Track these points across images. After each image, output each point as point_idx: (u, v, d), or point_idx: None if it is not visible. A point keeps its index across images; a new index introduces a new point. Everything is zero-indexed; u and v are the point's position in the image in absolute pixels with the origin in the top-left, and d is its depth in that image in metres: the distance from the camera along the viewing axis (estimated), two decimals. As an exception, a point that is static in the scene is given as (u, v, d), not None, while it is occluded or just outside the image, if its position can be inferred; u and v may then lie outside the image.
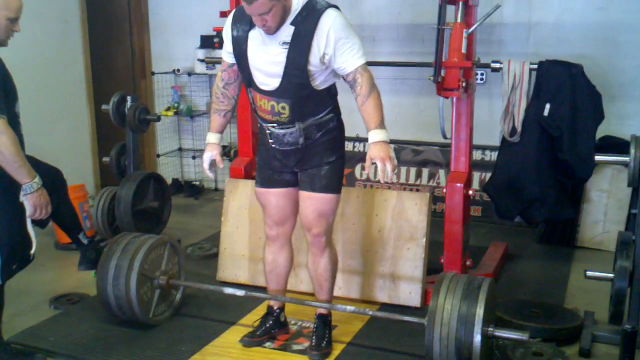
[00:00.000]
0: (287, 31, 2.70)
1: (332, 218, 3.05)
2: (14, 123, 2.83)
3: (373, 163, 2.72)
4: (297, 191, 3.04)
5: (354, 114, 3.12)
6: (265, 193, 3.09)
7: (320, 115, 2.87)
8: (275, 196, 3.07)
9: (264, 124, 2.92)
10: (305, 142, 2.87)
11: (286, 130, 2.85)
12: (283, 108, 2.80)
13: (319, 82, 2.80)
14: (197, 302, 3.71)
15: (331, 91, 2.91)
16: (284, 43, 2.70)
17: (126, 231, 4.01)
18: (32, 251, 2.97)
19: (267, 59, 2.76)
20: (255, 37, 2.78)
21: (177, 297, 3.58)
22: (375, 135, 2.75)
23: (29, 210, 2.85)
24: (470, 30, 3.39)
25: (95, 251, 3.97)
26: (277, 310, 3.28)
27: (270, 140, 2.93)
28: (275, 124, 2.86)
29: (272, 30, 2.68)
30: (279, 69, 2.74)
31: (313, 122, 2.86)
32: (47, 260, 4.44)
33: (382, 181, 2.68)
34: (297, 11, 2.69)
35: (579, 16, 4.86)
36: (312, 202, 2.97)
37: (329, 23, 2.66)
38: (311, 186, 2.95)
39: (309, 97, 2.80)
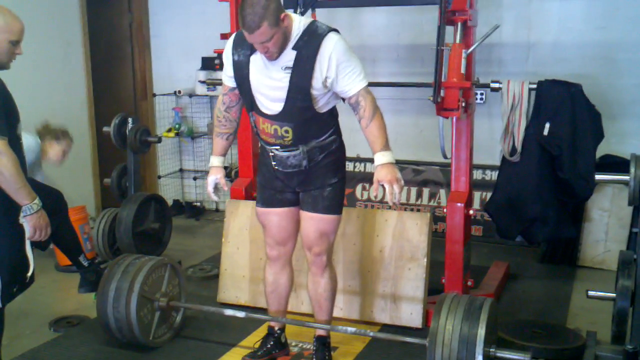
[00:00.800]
0: (289, 56, 2.71)
1: (332, 238, 3.05)
2: (16, 145, 2.83)
3: (381, 185, 2.72)
4: (298, 211, 3.05)
5: (355, 134, 3.14)
6: (267, 213, 3.09)
7: (323, 138, 2.89)
8: (277, 216, 3.07)
9: (267, 147, 2.93)
10: (309, 164, 2.88)
11: (290, 153, 2.87)
12: (286, 132, 2.81)
13: (322, 104, 2.82)
14: (197, 324, 3.70)
15: (333, 113, 2.93)
16: (287, 68, 2.72)
17: (127, 253, 3.99)
18: (29, 274, 2.95)
19: (270, 84, 2.77)
20: (257, 61, 2.79)
21: (178, 319, 3.57)
22: (382, 158, 2.76)
23: (28, 232, 2.84)
24: (469, 50, 3.41)
25: (95, 273, 3.96)
26: (278, 331, 3.27)
27: (273, 163, 2.94)
28: (278, 147, 2.88)
29: (274, 56, 2.70)
30: (282, 94, 2.75)
31: (316, 145, 2.87)
32: (47, 283, 4.42)
33: (390, 203, 2.71)
34: (299, 36, 2.70)
35: (578, 36, 4.89)
36: (314, 222, 2.97)
37: (331, 47, 2.68)
38: (314, 207, 2.96)
39: (311, 120, 2.82)
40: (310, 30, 2.71)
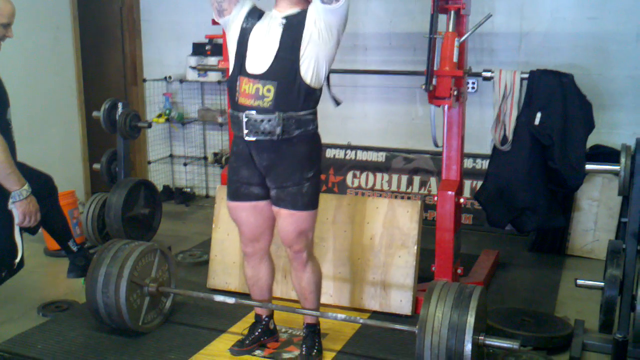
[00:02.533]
0: (288, 14, 2.83)
1: (311, 234, 3.02)
2: (5, 130, 2.82)
3: None
4: (268, 205, 2.99)
5: (347, 122, 3.19)
6: (235, 208, 3.04)
7: (302, 112, 2.84)
8: (245, 211, 3.02)
9: (242, 113, 2.84)
10: (282, 134, 2.81)
11: (265, 116, 2.79)
12: (268, 91, 2.78)
13: (308, 71, 2.79)
14: (187, 310, 3.70)
15: (316, 94, 2.87)
16: (282, 24, 2.81)
17: (116, 238, 3.98)
18: (17, 260, 2.94)
19: (266, 39, 2.82)
20: (259, 28, 2.86)
21: (167, 304, 3.56)
22: None
23: (17, 218, 2.83)
24: (462, 39, 3.41)
25: (84, 258, 3.95)
26: (266, 319, 3.27)
27: (245, 131, 2.83)
28: (254, 111, 2.81)
29: None
30: (274, 46, 2.79)
31: (293, 116, 2.81)
32: (36, 267, 4.41)
33: None
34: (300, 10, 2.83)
35: (570, 26, 4.89)
36: (294, 219, 2.92)
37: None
38: (293, 204, 2.90)
39: (295, 86, 2.79)
40: None
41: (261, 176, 2.94)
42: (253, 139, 2.84)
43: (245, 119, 2.82)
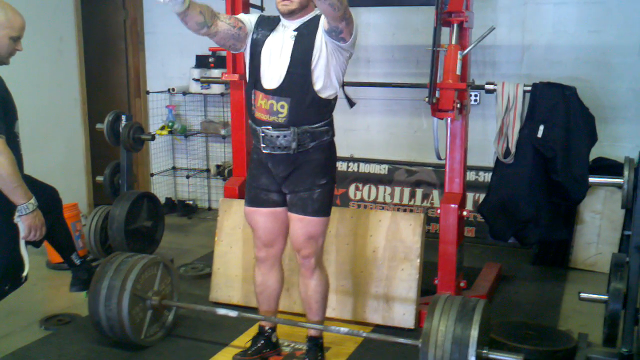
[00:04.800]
0: (299, 26, 2.85)
1: (322, 240, 3.05)
2: (13, 143, 2.82)
3: None
4: (285, 212, 3.04)
5: (350, 134, 3.18)
6: (253, 213, 3.09)
7: (316, 125, 2.88)
8: (263, 216, 3.07)
9: (259, 127, 2.90)
10: (298, 148, 2.86)
11: (280, 132, 2.85)
12: (282, 107, 2.82)
13: (320, 84, 2.83)
14: (189, 323, 3.68)
15: (330, 104, 2.93)
16: (293, 37, 2.83)
17: (119, 251, 3.98)
18: (24, 273, 2.94)
19: (277, 53, 2.85)
20: (272, 38, 2.89)
21: (170, 317, 3.55)
22: None
23: (23, 232, 2.82)
24: (465, 52, 3.41)
25: (87, 272, 3.93)
26: (269, 331, 3.26)
27: (262, 145, 2.91)
28: (270, 126, 2.87)
29: (291, 7, 2.79)
30: (285, 62, 2.82)
31: (308, 129, 2.86)
32: (38, 280, 4.40)
33: None
34: (314, 15, 2.85)
35: (572, 39, 4.90)
36: (304, 224, 2.97)
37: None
38: (303, 209, 2.95)
39: (308, 100, 2.82)
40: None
41: (279, 183, 2.99)
42: (271, 152, 2.91)
43: (262, 134, 2.89)
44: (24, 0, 4.69)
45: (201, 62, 5.90)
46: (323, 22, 2.76)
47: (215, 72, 5.67)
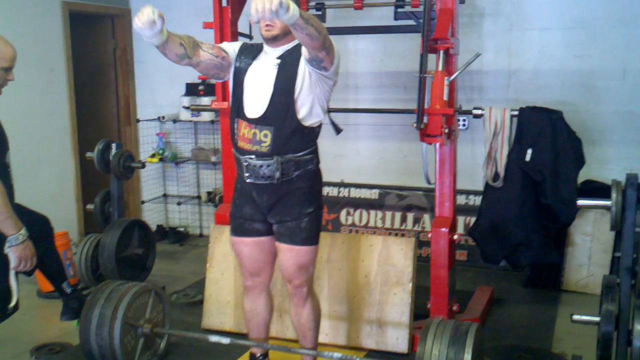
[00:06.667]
0: (282, 53, 2.84)
1: (312, 269, 3.03)
2: (4, 173, 2.82)
3: None
4: (270, 241, 3.01)
5: (339, 159, 3.19)
6: (239, 242, 3.07)
7: (300, 154, 2.86)
8: (248, 246, 3.05)
9: (242, 157, 2.88)
10: (282, 177, 2.83)
11: (264, 162, 2.82)
12: (265, 136, 2.81)
13: (304, 112, 2.81)
14: (182, 351, 3.66)
15: (314, 132, 2.90)
16: (277, 65, 2.82)
17: (110, 279, 3.96)
18: (11, 305, 2.90)
19: (260, 82, 2.84)
20: (255, 67, 2.88)
21: (162, 345, 3.53)
22: None
23: (13, 263, 2.80)
24: (452, 78, 3.46)
25: (78, 300, 3.91)
26: (260, 358, 3.25)
27: (245, 174, 2.88)
28: (253, 156, 2.84)
29: (272, 32, 2.77)
30: (269, 90, 2.81)
31: (292, 158, 2.84)
32: (28, 309, 4.36)
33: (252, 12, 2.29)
34: (298, 42, 2.80)
35: (557, 63, 4.97)
36: (293, 254, 2.94)
37: None
38: (292, 239, 2.92)
39: (291, 129, 2.80)
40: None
41: (263, 213, 2.96)
42: (254, 182, 2.88)
43: (245, 164, 2.86)
44: (13, 29, 4.78)
45: (191, 89, 5.93)
46: (304, 52, 2.75)
47: (205, 100, 5.70)
